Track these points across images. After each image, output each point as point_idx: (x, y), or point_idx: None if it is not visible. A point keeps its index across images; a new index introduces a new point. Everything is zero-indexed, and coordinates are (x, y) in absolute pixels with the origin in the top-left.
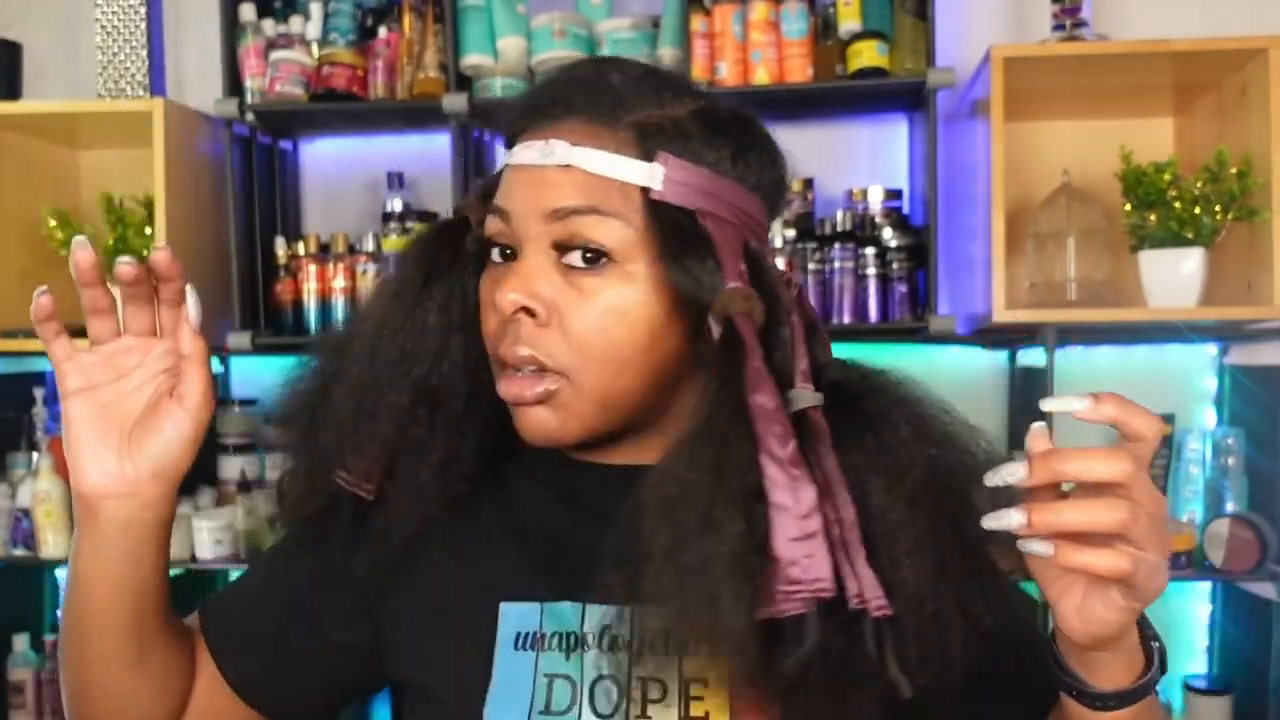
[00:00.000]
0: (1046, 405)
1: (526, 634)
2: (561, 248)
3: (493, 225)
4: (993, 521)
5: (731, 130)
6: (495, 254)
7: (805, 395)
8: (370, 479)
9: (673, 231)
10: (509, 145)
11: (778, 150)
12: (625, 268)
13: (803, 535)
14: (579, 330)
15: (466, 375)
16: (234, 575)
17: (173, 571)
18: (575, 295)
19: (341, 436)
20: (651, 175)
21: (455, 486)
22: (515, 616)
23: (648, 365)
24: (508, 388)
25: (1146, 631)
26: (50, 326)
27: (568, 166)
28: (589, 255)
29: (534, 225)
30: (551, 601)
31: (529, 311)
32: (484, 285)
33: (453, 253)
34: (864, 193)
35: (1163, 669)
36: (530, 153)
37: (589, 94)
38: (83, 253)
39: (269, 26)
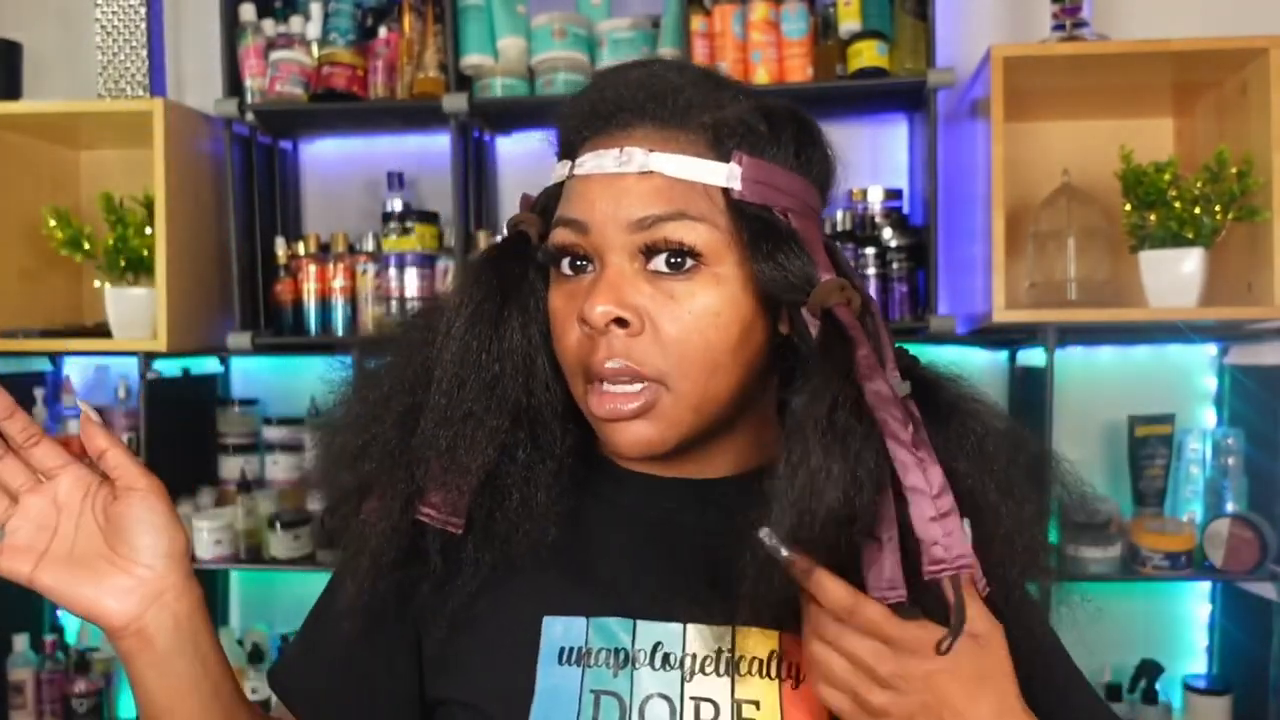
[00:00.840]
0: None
1: (572, 649)
2: (648, 254)
3: (564, 236)
4: (775, 541)
5: (790, 124)
6: (565, 266)
7: (900, 384)
8: (458, 512)
9: (761, 230)
10: (565, 155)
11: (827, 141)
12: (715, 270)
13: (939, 514)
14: (674, 335)
15: (557, 392)
16: (234, 575)
17: None
18: (666, 301)
19: (440, 469)
20: (730, 175)
21: (563, 503)
22: (559, 630)
23: (739, 365)
24: (602, 403)
25: None
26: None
27: (648, 173)
28: (677, 260)
29: (617, 234)
30: (598, 616)
31: (621, 322)
32: (555, 300)
33: (520, 270)
34: (864, 193)
35: None
36: (604, 161)
37: (655, 98)
38: None
39: (269, 26)
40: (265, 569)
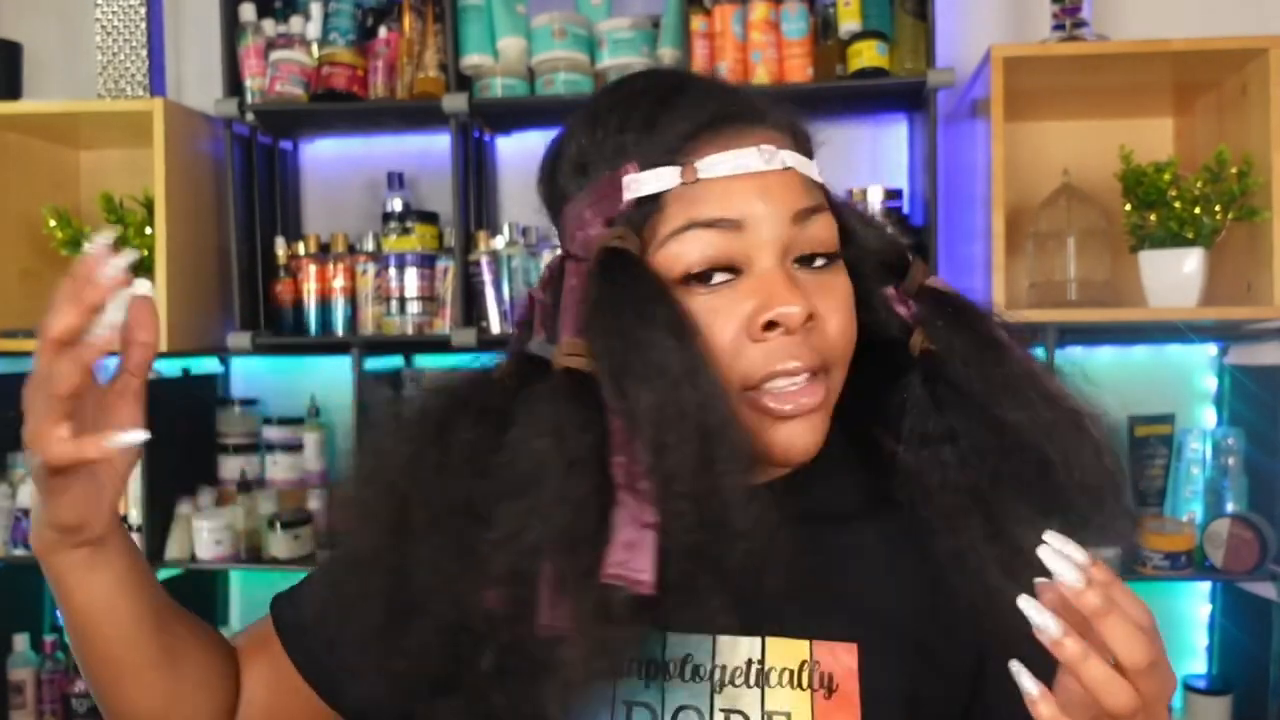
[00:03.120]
0: (1046, 552)
1: None
2: (796, 249)
3: (711, 241)
4: (1034, 614)
5: (799, 116)
6: (700, 279)
7: None
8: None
9: (853, 217)
10: (659, 162)
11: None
12: (840, 260)
13: None
14: (837, 328)
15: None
16: (234, 575)
17: (173, 571)
18: (826, 293)
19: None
20: (820, 172)
21: None
22: None
23: None
24: (783, 401)
25: None
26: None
27: (788, 169)
28: (820, 253)
29: (776, 229)
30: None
31: (809, 318)
32: (699, 314)
33: (647, 289)
34: (864, 193)
35: None
36: (746, 159)
37: (747, 98)
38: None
39: (269, 26)
40: (265, 569)
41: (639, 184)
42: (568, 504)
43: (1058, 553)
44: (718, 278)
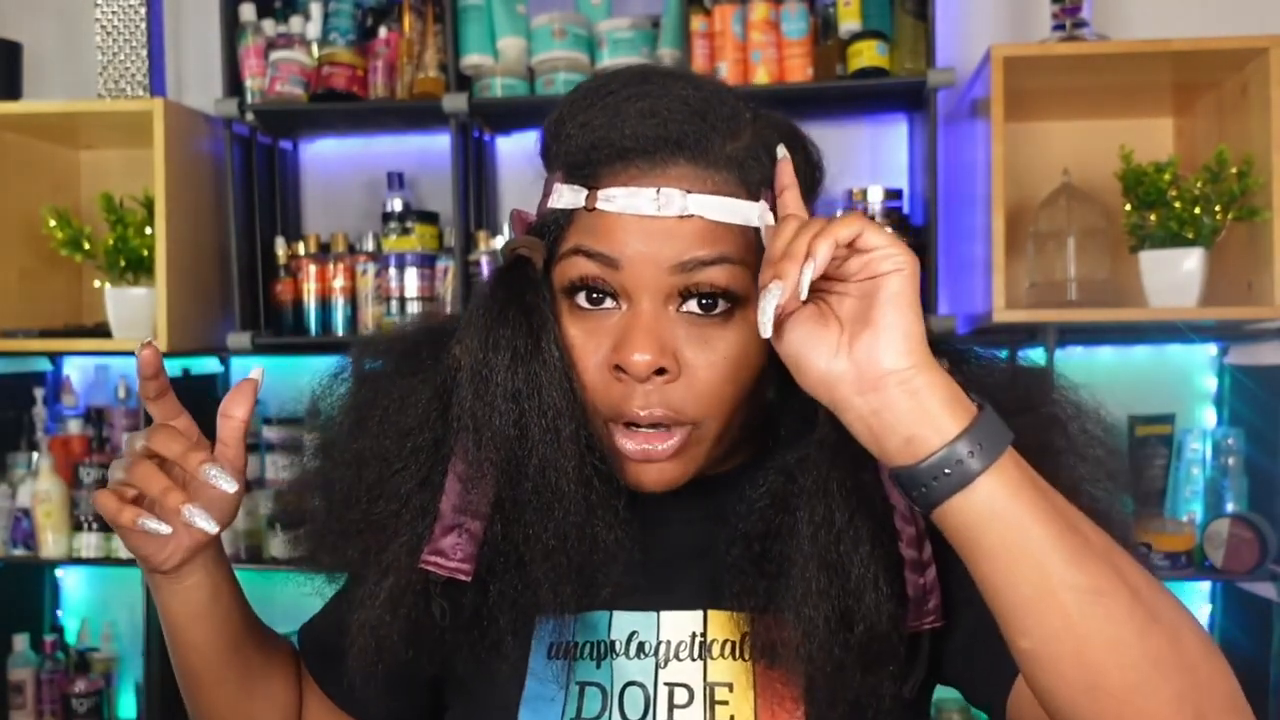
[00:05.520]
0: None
1: (560, 644)
2: (685, 296)
3: (589, 269)
4: (764, 317)
5: (789, 143)
6: (583, 298)
7: None
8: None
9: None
10: (573, 179)
11: (811, 144)
12: (746, 310)
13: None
14: (709, 381)
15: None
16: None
17: None
18: (702, 346)
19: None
20: (762, 214)
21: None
22: (549, 629)
23: (755, 396)
24: (633, 443)
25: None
26: (152, 385)
27: (688, 216)
28: (711, 303)
29: (655, 276)
30: (585, 612)
31: (661, 370)
32: (572, 332)
33: (531, 299)
34: (864, 193)
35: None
36: (639, 202)
37: (682, 129)
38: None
39: (269, 26)
40: (265, 569)
41: (558, 195)
42: (402, 487)
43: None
44: (605, 303)
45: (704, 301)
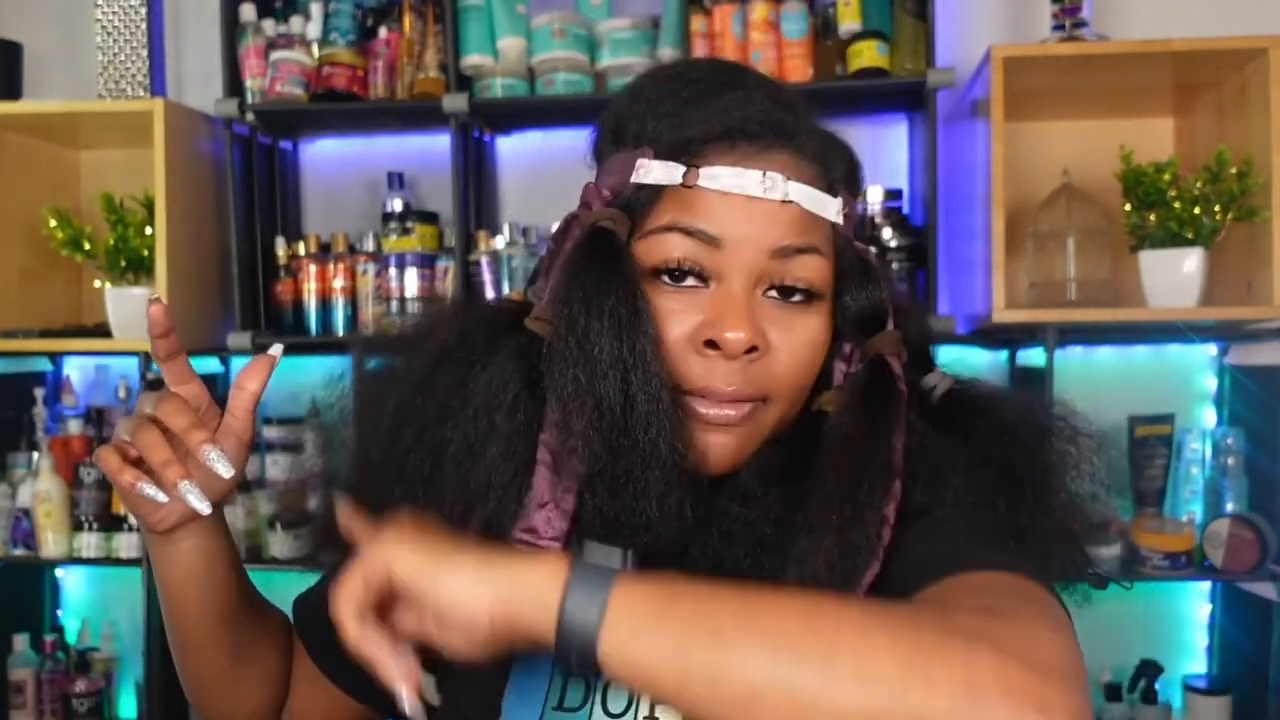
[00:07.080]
0: None
1: None
2: (771, 279)
3: (687, 248)
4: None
5: (843, 146)
6: (666, 275)
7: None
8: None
9: (856, 266)
10: (668, 155)
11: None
12: (823, 302)
13: None
14: (788, 364)
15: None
16: None
17: None
18: (785, 330)
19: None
20: (839, 211)
21: None
22: None
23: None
24: (708, 407)
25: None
26: (162, 344)
27: (788, 202)
28: (798, 290)
29: (754, 257)
30: None
31: (751, 349)
32: (661, 302)
33: (617, 273)
34: (864, 193)
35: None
36: (746, 182)
37: (781, 118)
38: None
39: (269, 26)
40: (265, 569)
41: (646, 171)
42: (495, 469)
43: None
44: (687, 280)
45: (791, 289)
